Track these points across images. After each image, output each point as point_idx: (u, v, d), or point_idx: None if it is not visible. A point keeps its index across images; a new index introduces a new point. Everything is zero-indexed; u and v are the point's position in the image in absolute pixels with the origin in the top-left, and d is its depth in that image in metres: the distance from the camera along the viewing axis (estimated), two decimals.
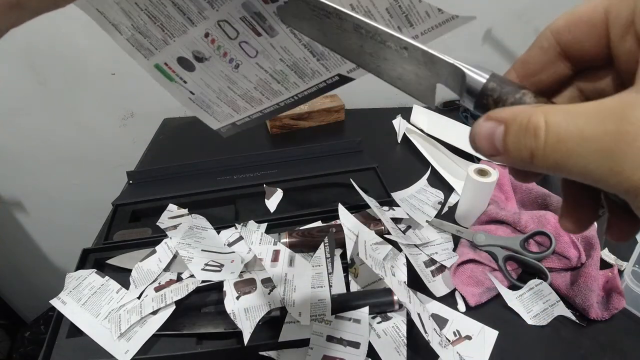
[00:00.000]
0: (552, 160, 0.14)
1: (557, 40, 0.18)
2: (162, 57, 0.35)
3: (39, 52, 0.87)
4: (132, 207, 0.66)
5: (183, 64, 0.35)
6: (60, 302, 0.48)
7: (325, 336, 0.43)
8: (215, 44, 0.33)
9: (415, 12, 0.29)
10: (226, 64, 0.35)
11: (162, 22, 0.32)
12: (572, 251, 0.52)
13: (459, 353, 0.45)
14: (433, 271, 0.55)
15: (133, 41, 0.34)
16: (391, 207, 0.63)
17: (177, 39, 0.33)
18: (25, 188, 1.09)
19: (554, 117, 0.14)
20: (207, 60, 0.35)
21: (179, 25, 0.32)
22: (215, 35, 0.32)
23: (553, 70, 0.18)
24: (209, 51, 0.34)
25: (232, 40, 0.33)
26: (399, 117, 0.93)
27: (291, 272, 0.50)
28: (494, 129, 0.16)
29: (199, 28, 0.32)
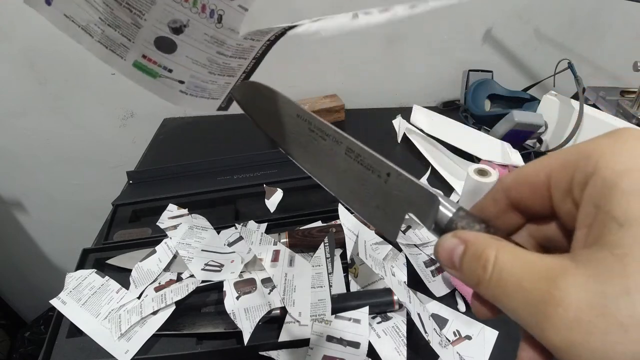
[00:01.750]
0: (492, 294, 0.17)
1: (506, 195, 0.20)
2: (139, 48, 0.32)
3: (39, 52, 0.87)
4: (132, 207, 0.66)
5: (162, 46, 0.32)
6: (60, 302, 0.48)
7: (325, 336, 0.43)
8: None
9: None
10: (207, 21, 0.31)
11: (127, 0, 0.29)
12: None
13: (459, 353, 0.45)
14: (433, 271, 0.55)
15: (105, 40, 0.32)
16: None
17: (148, 15, 0.31)
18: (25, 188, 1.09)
19: (502, 256, 0.16)
20: (187, 27, 0.31)
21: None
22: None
23: (506, 218, 0.20)
24: (185, 13, 0.31)
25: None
26: (399, 117, 0.93)
27: (291, 272, 0.50)
28: (456, 245, 0.18)
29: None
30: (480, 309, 0.21)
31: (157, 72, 0.34)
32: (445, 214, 0.20)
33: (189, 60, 0.33)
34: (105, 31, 0.31)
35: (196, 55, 0.33)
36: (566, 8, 0.96)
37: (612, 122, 0.72)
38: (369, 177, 0.23)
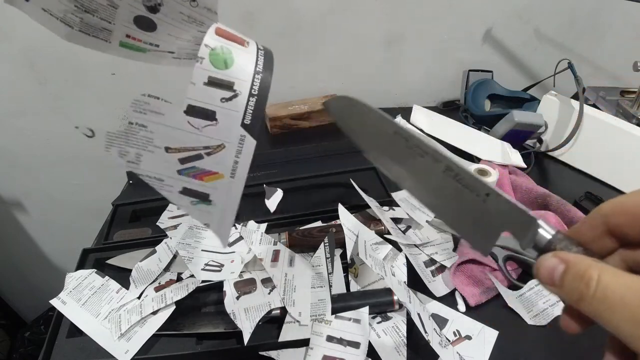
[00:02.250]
0: (595, 309, 0.18)
1: (604, 222, 0.22)
2: (121, 29, 0.31)
3: (39, 52, 0.87)
4: (132, 207, 0.66)
5: (143, 25, 0.31)
6: (60, 302, 0.48)
7: (325, 336, 0.43)
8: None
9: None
10: (181, 0, 0.30)
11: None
12: None
13: (459, 353, 0.45)
14: (433, 271, 0.55)
15: (86, 28, 0.31)
16: (391, 207, 0.63)
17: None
18: (25, 188, 1.09)
19: (605, 277, 0.18)
20: (162, 6, 0.30)
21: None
22: None
23: (601, 242, 0.22)
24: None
25: None
26: (399, 117, 0.93)
27: (291, 272, 0.50)
28: (557, 265, 0.20)
29: None
30: (571, 324, 0.22)
31: (145, 49, 0.33)
32: (544, 235, 0.22)
33: (172, 37, 0.32)
34: (83, 18, 0.30)
35: (178, 33, 0.32)
36: (566, 8, 0.96)
37: (612, 122, 0.72)
38: (467, 195, 0.23)
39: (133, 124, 0.27)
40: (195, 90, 0.24)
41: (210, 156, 0.26)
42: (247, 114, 0.24)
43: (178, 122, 0.25)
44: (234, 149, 0.25)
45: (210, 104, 0.24)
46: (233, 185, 0.27)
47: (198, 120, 0.25)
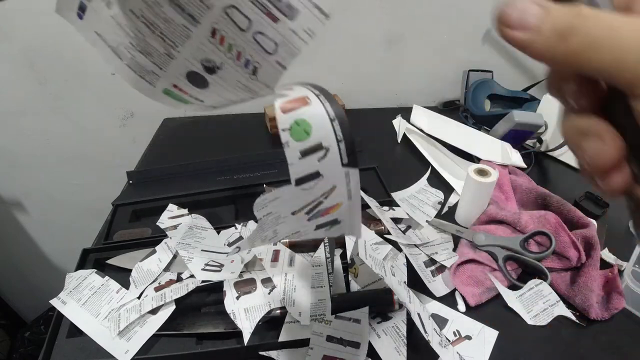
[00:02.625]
0: (590, 39, 0.15)
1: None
2: (170, 78, 0.31)
3: (39, 52, 0.87)
4: (132, 207, 0.66)
5: (194, 81, 0.31)
6: (60, 302, 0.48)
7: (325, 336, 0.43)
8: (225, 42, 0.28)
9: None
10: (242, 69, 0.30)
11: (162, 29, 0.28)
12: (572, 251, 0.52)
13: (459, 353, 0.45)
14: (433, 271, 0.55)
15: (135, 65, 0.30)
16: (391, 207, 0.63)
17: (182, 48, 0.29)
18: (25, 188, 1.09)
19: (596, 12, 0.15)
20: (220, 70, 0.30)
21: (180, 28, 0.28)
22: (223, 29, 0.28)
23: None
24: (220, 56, 0.29)
25: (245, 33, 0.28)
26: (399, 117, 0.93)
27: (291, 272, 0.50)
28: (532, 4, 0.16)
29: (203, 25, 0.28)
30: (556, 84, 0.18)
31: (188, 101, 0.33)
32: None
33: (221, 98, 0.32)
34: (135, 57, 0.30)
35: (228, 95, 0.32)
36: None
37: None
38: None
39: (262, 218, 0.29)
40: (295, 168, 0.25)
41: (328, 198, 0.27)
42: (343, 156, 0.25)
43: (293, 195, 0.27)
44: (344, 183, 0.27)
45: (311, 169, 0.25)
46: (352, 203, 0.28)
47: (308, 184, 0.26)
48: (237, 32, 0.28)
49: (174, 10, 0.27)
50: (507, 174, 0.69)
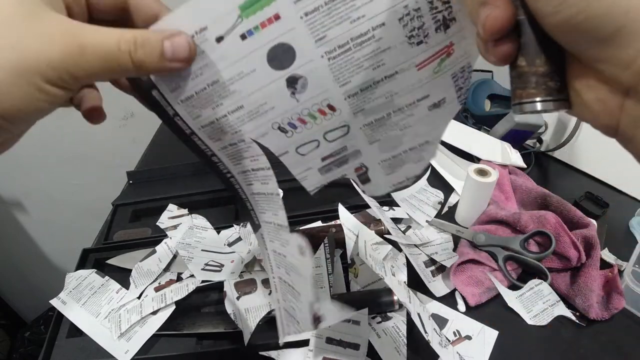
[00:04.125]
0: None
1: None
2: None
3: None
4: (132, 207, 0.66)
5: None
6: (60, 302, 0.48)
7: (324, 338, 0.43)
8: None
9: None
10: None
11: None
12: (572, 251, 0.52)
13: (459, 353, 0.45)
14: (433, 271, 0.55)
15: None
16: (391, 207, 0.63)
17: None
18: (25, 188, 1.09)
19: None
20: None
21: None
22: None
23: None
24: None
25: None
26: None
27: None
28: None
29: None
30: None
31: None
32: None
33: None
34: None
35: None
36: None
37: None
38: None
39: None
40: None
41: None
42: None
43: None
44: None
45: None
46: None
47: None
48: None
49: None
50: (507, 174, 0.69)
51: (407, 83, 0.25)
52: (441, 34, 0.24)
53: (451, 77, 0.27)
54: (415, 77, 0.25)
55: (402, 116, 0.27)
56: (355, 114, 0.26)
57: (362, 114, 0.26)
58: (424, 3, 0.22)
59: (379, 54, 0.23)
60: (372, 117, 0.26)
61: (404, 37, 0.23)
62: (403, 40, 0.23)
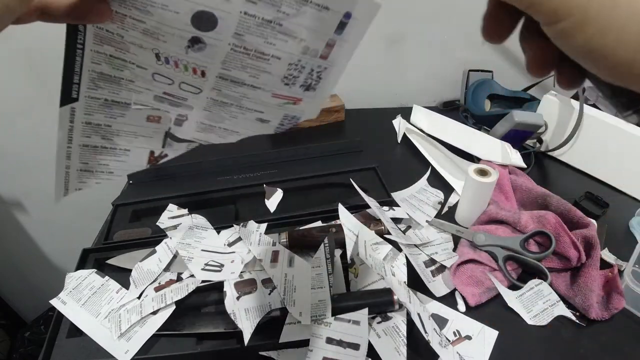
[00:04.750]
0: None
1: None
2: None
3: (39, 52, 0.87)
4: (132, 207, 0.66)
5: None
6: (60, 302, 0.48)
7: (324, 338, 0.43)
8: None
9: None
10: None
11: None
12: (572, 251, 0.52)
13: (459, 353, 0.45)
14: (433, 271, 0.55)
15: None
16: (391, 207, 0.63)
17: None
18: (25, 188, 1.09)
19: None
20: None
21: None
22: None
23: None
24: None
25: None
26: (399, 117, 0.93)
27: (291, 272, 0.50)
28: None
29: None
30: (490, 25, 0.21)
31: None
32: None
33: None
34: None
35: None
36: None
37: (612, 122, 0.72)
38: None
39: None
40: None
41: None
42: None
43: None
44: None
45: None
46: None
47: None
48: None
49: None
50: (507, 174, 0.69)
51: (259, 97, 0.33)
52: (301, 90, 0.32)
53: (284, 114, 0.35)
54: (266, 98, 0.33)
55: (237, 110, 0.34)
56: (213, 89, 0.32)
57: (216, 92, 0.32)
58: (308, 67, 0.30)
59: (261, 71, 0.30)
60: (220, 98, 0.33)
61: (282, 74, 0.31)
62: (280, 75, 0.31)
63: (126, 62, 0.30)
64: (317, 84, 0.32)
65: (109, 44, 0.28)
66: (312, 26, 0.27)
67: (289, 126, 0.37)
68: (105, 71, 0.30)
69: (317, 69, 0.30)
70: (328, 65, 0.30)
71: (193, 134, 0.37)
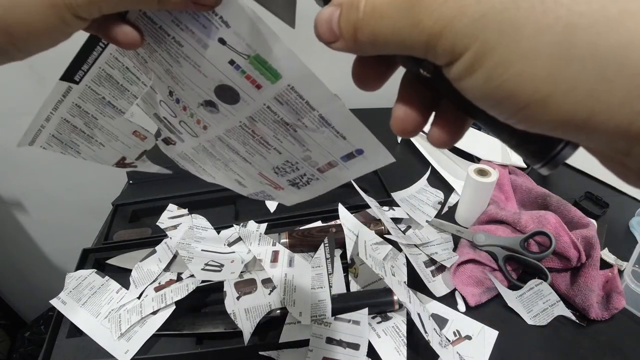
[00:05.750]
0: (370, 30, 0.16)
1: None
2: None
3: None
4: (132, 207, 0.66)
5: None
6: (60, 302, 0.48)
7: (324, 338, 0.43)
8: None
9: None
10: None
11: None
12: (572, 251, 0.52)
13: (459, 353, 0.45)
14: (433, 271, 0.55)
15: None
16: (391, 207, 0.63)
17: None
18: (25, 188, 1.09)
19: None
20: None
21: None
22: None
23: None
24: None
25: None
26: None
27: (291, 272, 0.50)
28: (332, 13, 0.17)
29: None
30: (362, 71, 0.21)
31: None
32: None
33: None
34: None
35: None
36: None
37: None
38: None
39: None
40: None
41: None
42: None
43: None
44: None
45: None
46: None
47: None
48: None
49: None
50: (507, 174, 0.69)
51: (246, 169, 0.32)
52: (287, 183, 0.32)
53: (261, 190, 0.34)
54: (252, 172, 0.32)
55: (222, 166, 0.33)
56: (208, 141, 0.31)
57: (210, 144, 0.31)
58: (302, 171, 0.30)
59: (258, 153, 0.29)
60: (211, 150, 0.32)
61: (275, 165, 0.30)
62: (274, 164, 0.29)
63: (139, 81, 0.30)
64: (304, 186, 0.32)
65: (130, 59, 0.28)
66: (323, 144, 0.26)
67: (262, 199, 0.36)
68: (115, 76, 0.30)
69: (309, 175, 0.30)
70: (321, 177, 0.30)
71: (174, 156, 0.37)
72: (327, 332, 0.44)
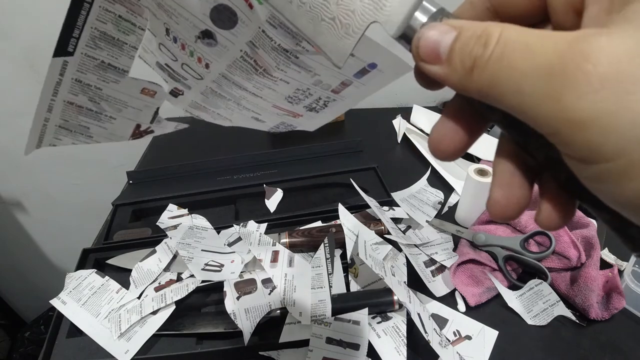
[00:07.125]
0: (490, 75, 0.13)
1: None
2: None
3: (39, 52, 0.87)
4: (132, 207, 0.66)
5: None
6: (60, 302, 0.48)
7: (324, 338, 0.43)
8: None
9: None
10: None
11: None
12: (572, 251, 0.52)
13: (459, 353, 0.45)
14: (433, 271, 0.55)
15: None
16: (391, 207, 0.63)
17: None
18: (25, 188, 1.09)
19: (509, 31, 0.13)
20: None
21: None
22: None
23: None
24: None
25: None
26: (399, 117, 0.93)
27: (291, 272, 0.50)
28: (444, 33, 0.15)
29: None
30: (451, 127, 0.18)
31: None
32: (419, 19, 0.17)
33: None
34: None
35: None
36: None
37: None
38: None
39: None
40: None
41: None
42: None
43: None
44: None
45: None
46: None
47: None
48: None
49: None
50: None
51: (258, 104, 0.31)
52: (304, 109, 0.30)
53: (281, 121, 0.33)
54: (265, 106, 0.31)
55: (234, 105, 0.32)
56: (213, 82, 0.30)
57: (216, 85, 0.31)
58: (317, 95, 0.28)
59: (265, 87, 0.28)
60: (219, 91, 0.31)
61: (287, 94, 0.29)
62: (285, 95, 0.29)
63: (135, 27, 0.28)
64: (322, 109, 0.30)
65: (121, 4, 0.27)
66: (330, 65, 0.24)
67: (284, 131, 0.35)
68: (109, 32, 0.28)
69: (325, 98, 0.29)
70: (338, 98, 0.28)
71: (186, 107, 0.35)
72: (327, 332, 0.44)
